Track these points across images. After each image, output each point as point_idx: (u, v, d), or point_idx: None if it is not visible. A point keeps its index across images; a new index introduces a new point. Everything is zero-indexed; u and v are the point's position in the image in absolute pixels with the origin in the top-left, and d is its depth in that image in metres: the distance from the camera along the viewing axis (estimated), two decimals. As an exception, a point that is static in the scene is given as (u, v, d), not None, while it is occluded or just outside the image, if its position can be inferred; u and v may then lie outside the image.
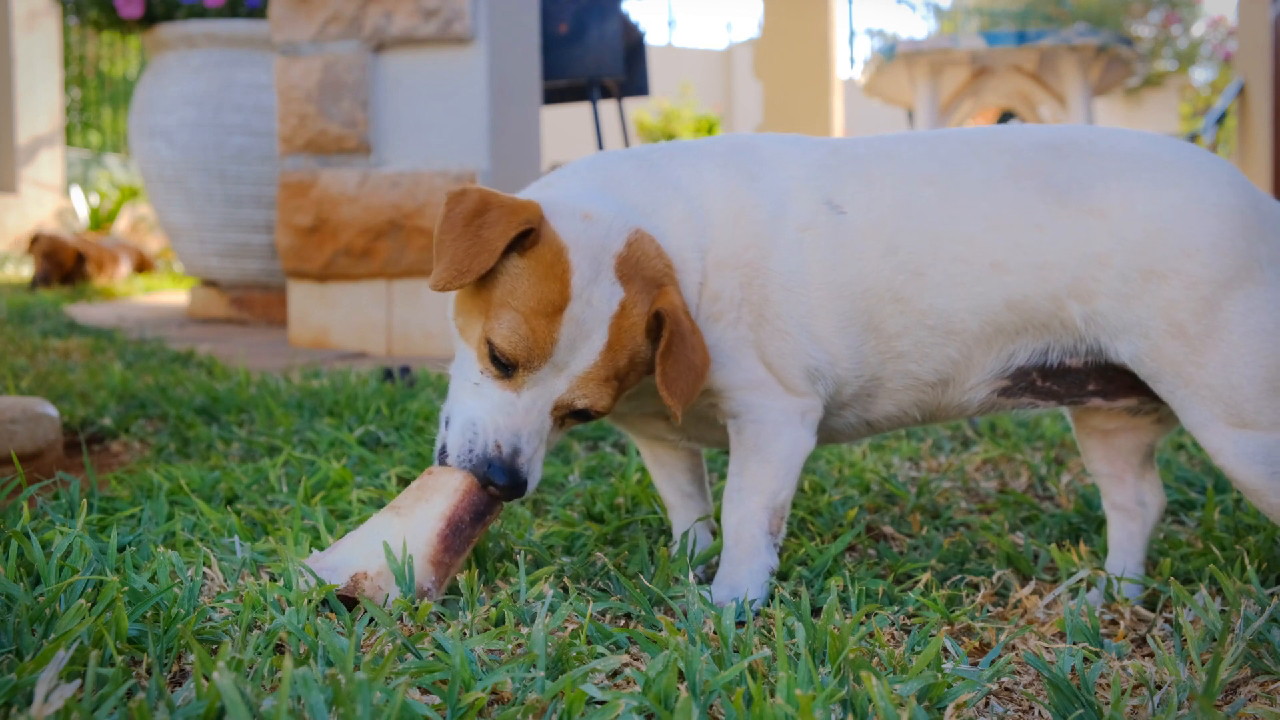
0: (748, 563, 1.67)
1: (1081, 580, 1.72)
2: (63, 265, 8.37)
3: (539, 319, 1.52)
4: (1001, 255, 1.60)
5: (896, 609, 1.60)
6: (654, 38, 22.58)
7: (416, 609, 1.46)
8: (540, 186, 1.72)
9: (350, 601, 1.54)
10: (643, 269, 1.57)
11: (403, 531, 1.56)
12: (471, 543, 1.57)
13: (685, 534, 1.85)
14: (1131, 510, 1.82)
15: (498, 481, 1.54)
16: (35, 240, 8.47)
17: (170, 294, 8.58)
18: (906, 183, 1.66)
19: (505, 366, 1.54)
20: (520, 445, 1.55)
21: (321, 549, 1.75)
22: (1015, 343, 1.64)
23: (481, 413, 1.56)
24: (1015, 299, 1.61)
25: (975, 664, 1.43)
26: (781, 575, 1.75)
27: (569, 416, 1.60)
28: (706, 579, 1.78)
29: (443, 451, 1.61)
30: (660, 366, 1.54)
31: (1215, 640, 1.42)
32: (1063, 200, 1.59)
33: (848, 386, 1.71)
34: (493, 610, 1.49)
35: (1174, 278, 1.53)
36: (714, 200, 1.66)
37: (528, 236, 1.53)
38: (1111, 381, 1.67)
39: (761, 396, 1.68)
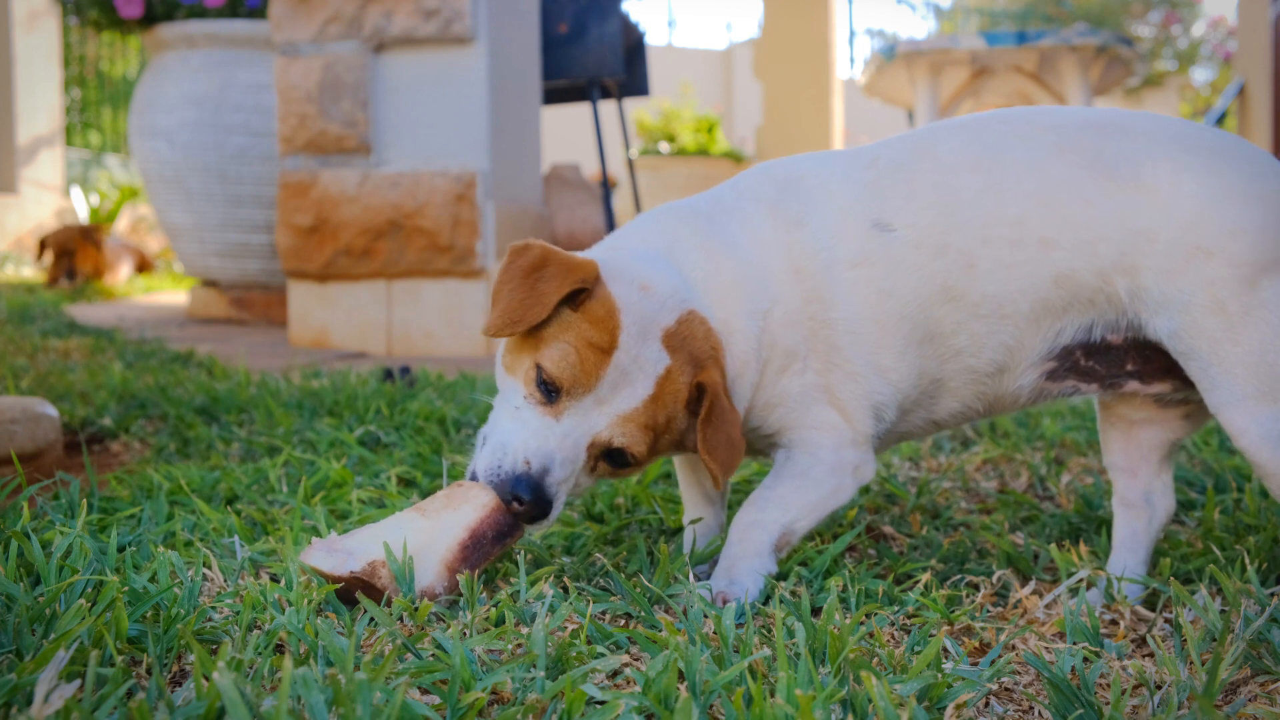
0: (747, 560, 1.69)
1: (1081, 580, 1.72)
2: (73, 255, 8.27)
3: (588, 350, 1.57)
4: (1051, 232, 1.64)
5: (896, 609, 1.60)
6: (654, 38, 22.57)
7: (416, 609, 1.46)
8: (605, 248, 1.75)
9: (350, 598, 1.54)
10: (689, 345, 1.62)
11: (426, 532, 1.56)
12: (487, 560, 1.57)
13: (688, 534, 1.85)
14: (1138, 507, 1.83)
15: (523, 496, 1.56)
16: (44, 243, 8.39)
17: (170, 294, 8.58)
18: (949, 175, 1.69)
19: (549, 391, 1.58)
20: (551, 467, 1.58)
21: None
22: (1062, 320, 1.68)
23: (514, 435, 1.60)
24: (1064, 274, 1.64)
25: (975, 664, 1.43)
26: (781, 575, 1.75)
27: (603, 459, 1.63)
28: (706, 579, 1.78)
29: (474, 475, 1.62)
30: (702, 433, 1.60)
31: (1215, 640, 1.42)
32: (1112, 176, 1.62)
33: (909, 397, 1.76)
34: (493, 610, 1.49)
35: (1219, 255, 1.56)
36: (771, 257, 1.70)
37: (581, 293, 1.59)
38: (1149, 362, 1.69)
39: (826, 437, 1.73)
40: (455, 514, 1.57)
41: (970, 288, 1.67)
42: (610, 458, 1.62)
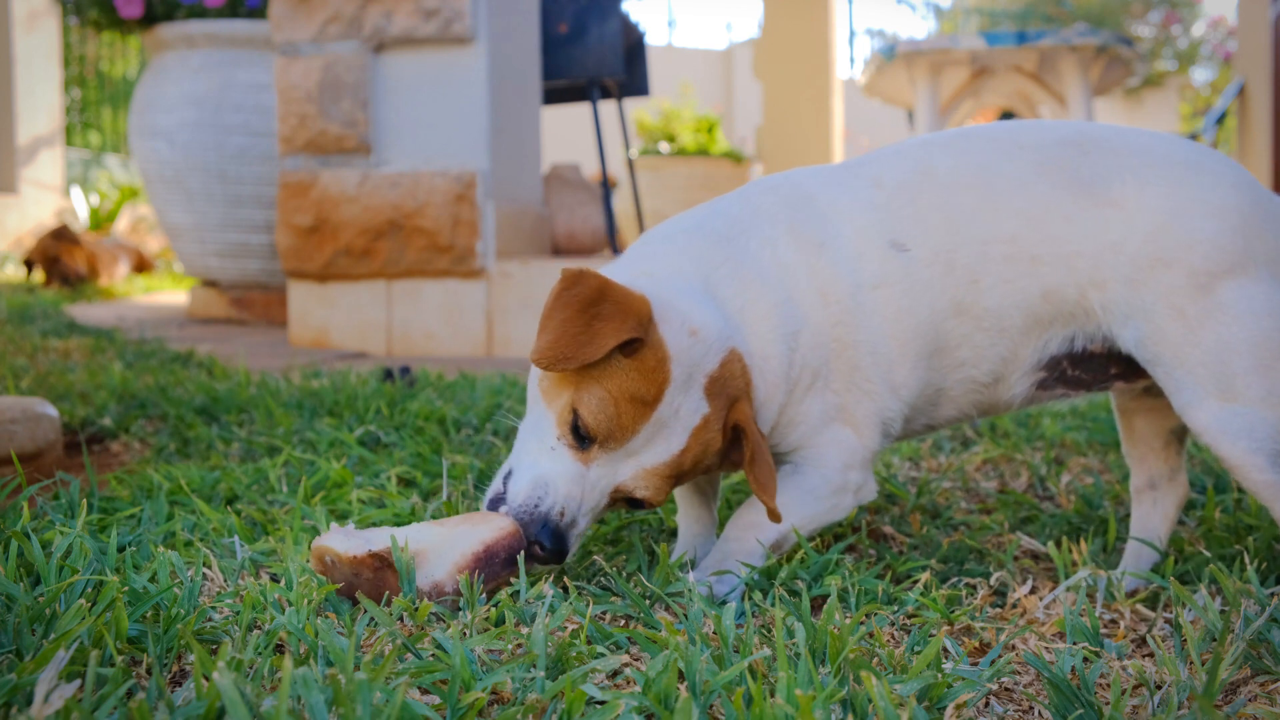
0: (741, 558, 1.71)
1: (1082, 580, 1.72)
2: (59, 260, 8.20)
3: (628, 405, 1.56)
4: (1040, 249, 1.70)
5: (896, 609, 1.60)
6: (654, 38, 22.56)
7: (416, 609, 1.46)
8: (639, 271, 1.70)
9: (350, 598, 1.55)
10: (727, 387, 1.63)
11: (442, 537, 1.57)
12: (495, 580, 1.57)
13: (682, 536, 1.86)
14: (1144, 492, 1.93)
15: (545, 544, 1.56)
16: (31, 253, 8.30)
17: (170, 294, 8.58)
18: (949, 194, 1.73)
19: (583, 439, 1.58)
20: (579, 518, 1.59)
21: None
22: (1049, 331, 1.74)
23: (555, 475, 1.59)
24: (1050, 289, 1.70)
25: (975, 664, 1.43)
26: (776, 574, 1.75)
27: (622, 501, 1.64)
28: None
29: (496, 501, 1.62)
30: (751, 473, 1.62)
31: (1215, 640, 1.42)
32: (1088, 193, 1.69)
33: (913, 407, 1.80)
34: (493, 610, 1.49)
35: (1177, 265, 1.64)
36: (798, 282, 1.72)
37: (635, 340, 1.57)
38: (1131, 363, 1.76)
39: (837, 455, 1.76)
40: (473, 529, 1.58)
41: (975, 302, 1.72)
42: (629, 502, 1.65)
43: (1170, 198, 1.66)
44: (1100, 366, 1.77)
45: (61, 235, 8.33)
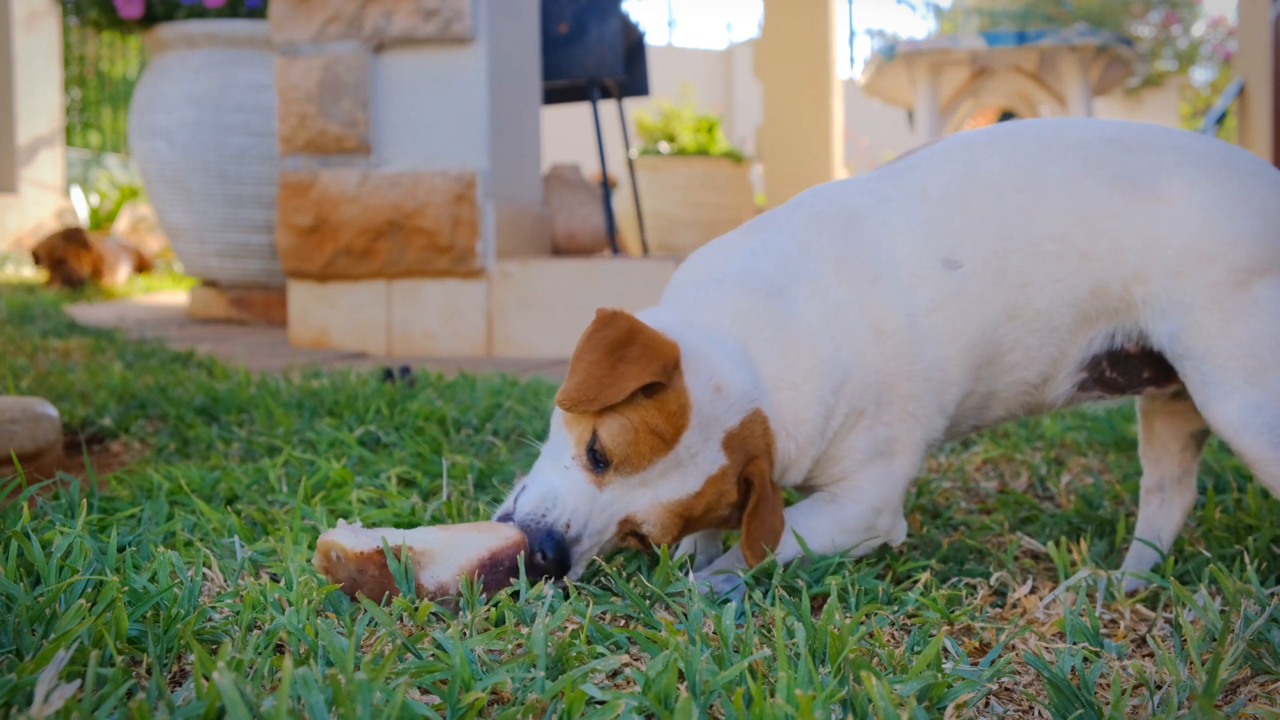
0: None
1: (1082, 580, 1.72)
2: (65, 263, 8.16)
3: (648, 434, 1.58)
4: (1089, 245, 1.72)
5: (896, 609, 1.60)
6: (654, 38, 22.55)
7: (416, 609, 1.46)
8: (678, 320, 1.70)
9: (352, 596, 1.55)
10: (746, 444, 1.65)
11: (448, 541, 1.58)
12: (498, 589, 1.57)
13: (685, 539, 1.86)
14: (1153, 493, 1.95)
15: (547, 553, 1.58)
16: (37, 250, 8.24)
17: (170, 294, 8.58)
18: (999, 199, 1.74)
19: (599, 462, 1.60)
20: (583, 535, 1.60)
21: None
22: (1094, 328, 1.76)
23: (566, 491, 1.61)
24: (1098, 284, 1.72)
25: (975, 664, 1.43)
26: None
27: (632, 535, 1.65)
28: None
29: (505, 517, 1.63)
30: (746, 526, 1.64)
31: (1215, 640, 1.42)
32: (1136, 189, 1.71)
33: (953, 419, 1.81)
34: (493, 610, 1.49)
35: (1220, 260, 1.67)
36: (849, 324, 1.71)
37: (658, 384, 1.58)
38: (1164, 366, 1.78)
39: (875, 492, 1.76)
40: (480, 536, 1.59)
41: (1026, 305, 1.73)
42: (639, 536, 1.66)
43: (1215, 195, 1.68)
44: (1134, 369, 1.78)
45: (72, 238, 8.28)
